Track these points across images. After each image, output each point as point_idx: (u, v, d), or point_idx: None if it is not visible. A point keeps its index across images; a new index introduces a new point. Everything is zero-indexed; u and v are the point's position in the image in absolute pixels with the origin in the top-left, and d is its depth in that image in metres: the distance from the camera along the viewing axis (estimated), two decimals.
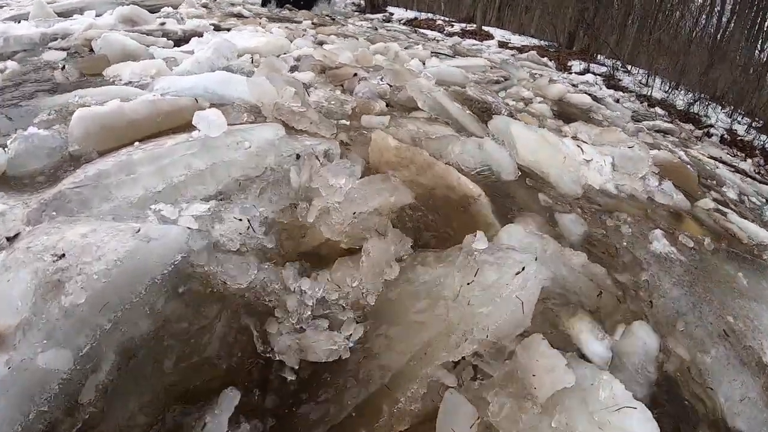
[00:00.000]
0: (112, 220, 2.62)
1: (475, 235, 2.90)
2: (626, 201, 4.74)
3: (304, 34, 9.61)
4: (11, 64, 5.91)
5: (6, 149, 3.23)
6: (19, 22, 11.52)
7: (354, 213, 3.14)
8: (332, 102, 4.97)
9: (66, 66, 5.68)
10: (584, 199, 4.49)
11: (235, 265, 2.66)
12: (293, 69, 6.28)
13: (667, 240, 4.08)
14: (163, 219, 2.77)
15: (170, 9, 10.19)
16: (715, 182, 7.06)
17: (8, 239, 2.45)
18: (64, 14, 11.64)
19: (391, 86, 5.59)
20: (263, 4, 22.23)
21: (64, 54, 6.83)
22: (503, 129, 4.72)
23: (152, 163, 3.03)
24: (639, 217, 4.42)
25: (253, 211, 3.04)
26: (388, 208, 3.31)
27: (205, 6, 14.54)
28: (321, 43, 8.95)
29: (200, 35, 8.01)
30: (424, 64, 7.83)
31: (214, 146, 3.25)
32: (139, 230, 2.46)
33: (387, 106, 5.23)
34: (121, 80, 5.17)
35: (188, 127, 3.53)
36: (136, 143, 3.30)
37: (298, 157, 3.46)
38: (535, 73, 12.07)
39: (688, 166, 6.58)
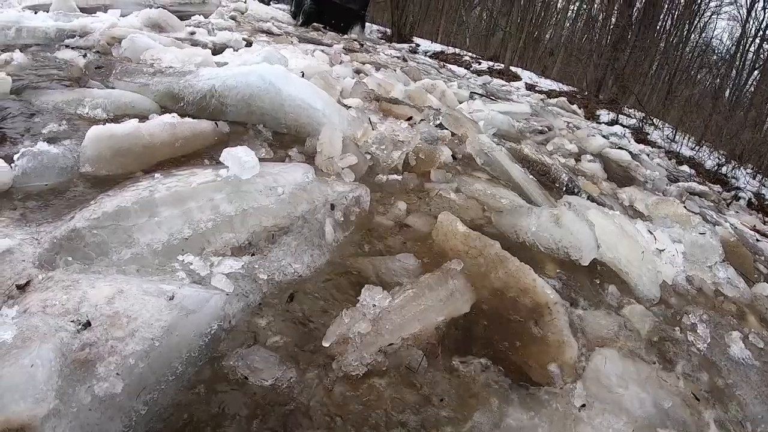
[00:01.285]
0: (137, 275, 2.39)
1: (573, 386, 2.57)
2: (696, 294, 4.51)
3: (342, 61, 9.15)
4: (18, 56, 5.31)
5: (13, 165, 2.94)
6: (36, 12, 11.13)
7: (379, 348, 2.53)
8: (388, 146, 4.41)
9: (87, 54, 5.12)
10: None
11: (261, 358, 2.33)
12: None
13: (743, 343, 3.90)
14: (193, 275, 2.52)
15: (201, 18, 9.63)
16: (763, 258, 6.86)
17: (19, 287, 2.16)
18: (88, 10, 11.12)
19: (453, 134, 5.13)
20: (294, 17, 22.34)
21: (79, 54, 6.28)
22: (579, 212, 4.24)
23: (177, 205, 2.71)
24: (711, 313, 4.19)
25: None
26: (433, 326, 2.78)
27: (233, 18, 14.17)
28: (358, 72, 8.55)
29: (233, 49, 7.50)
30: (466, 103, 7.37)
31: (244, 190, 2.96)
32: (172, 297, 2.22)
33: (453, 158, 4.80)
34: (161, 63, 4.65)
35: (206, 152, 3.51)
36: (157, 175, 2.97)
37: (332, 207, 3.27)
38: (569, 122, 11.96)
39: (742, 245, 6.35)
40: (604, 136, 12.36)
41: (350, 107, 4.96)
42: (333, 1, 21.50)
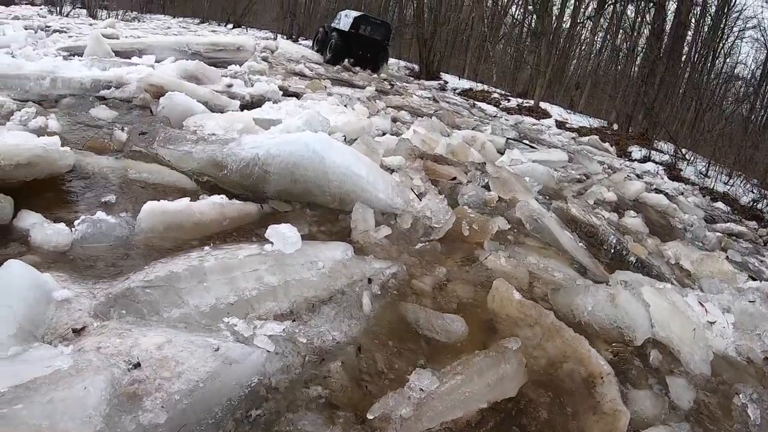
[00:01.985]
0: (185, 330, 2.53)
1: None
2: (746, 365, 4.29)
3: (378, 110, 9.16)
4: (54, 124, 5.25)
5: (73, 229, 3.18)
6: (73, 55, 11.20)
7: None
8: (434, 213, 4.34)
9: (125, 129, 5.14)
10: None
11: (301, 419, 2.40)
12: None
13: None
14: (237, 335, 2.67)
15: (237, 68, 9.67)
16: None
17: (74, 331, 2.36)
18: (122, 54, 11.21)
19: (499, 198, 5.07)
20: (319, 52, 24.61)
21: (114, 114, 6.29)
22: (634, 291, 4.16)
23: (224, 274, 2.94)
24: (760, 390, 3.91)
25: None
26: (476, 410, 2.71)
27: (265, 60, 14.30)
28: (395, 120, 8.57)
29: (273, 101, 7.51)
30: (506, 154, 7.32)
31: (287, 263, 3.16)
32: (218, 349, 2.38)
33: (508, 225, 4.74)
34: (203, 130, 4.66)
35: (252, 229, 3.71)
36: (207, 248, 3.19)
37: (369, 281, 3.40)
38: (603, 162, 11.86)
39: None
40: (638, 176, 12.43)
41: (394, 171, 4.89)
42: (360, 33, 24.25)
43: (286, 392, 2.48)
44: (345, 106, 8.33)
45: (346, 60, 23.37)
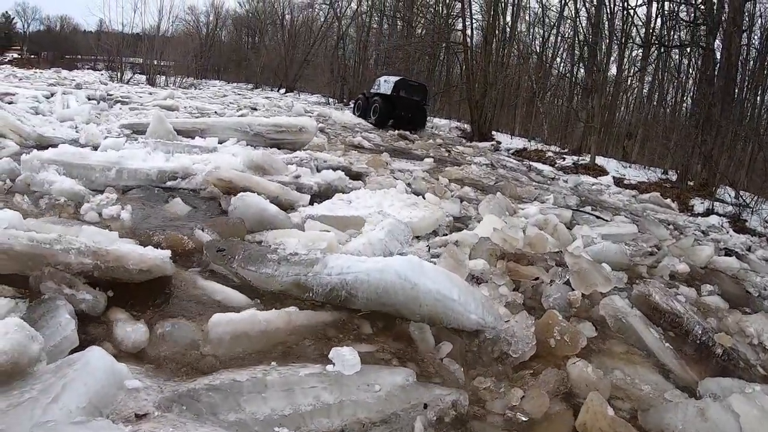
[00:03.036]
0: None
1: None
2: None
3: (445, 191, 9.24)
4: (126, 215, 5.61)
5: (156, 331, 3.59)
6: (135, 133, 11.41)
7: None
8: (516, 341, 4.24)
9: (205, 229, 5.28)
10: None
11: None
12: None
13: None
14: None
15: (302, 154, 9.78)
16: None
17: (137, 416, 2.58)
18: (183, 132, 11.47)
19: (583, 296, 5.03)
20: (361, 116, 27.60)
21: (188, 209, 6.48)
22: (723, 402, 4.06)
23: (284, 388, 3.09)
24: None
25: None
26: None
27: (321, 130, 14.58)
28: (461, 199, 8.62)
29: (341, 191, 7.68)
30: (578, 237, 7.29)
31: (345, 383, 3.26)
32: None
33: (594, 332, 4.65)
34: (285, 249, 4.73)
35: (318, 342, 3.79)
36: (273, 363, 3.37)
37: (425, 406, 3.36)
38: (668, 223, 11.77)
39: None
40: (703, 232, 12.16)
41: (478, 278, 4.91)
42: (401, 96, 26.60)
43: None
44: (412, 191, 8.51)
45: (390, 121, 25.81)
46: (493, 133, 29.23)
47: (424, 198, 7.71)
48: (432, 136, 25.09)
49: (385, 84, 27.63)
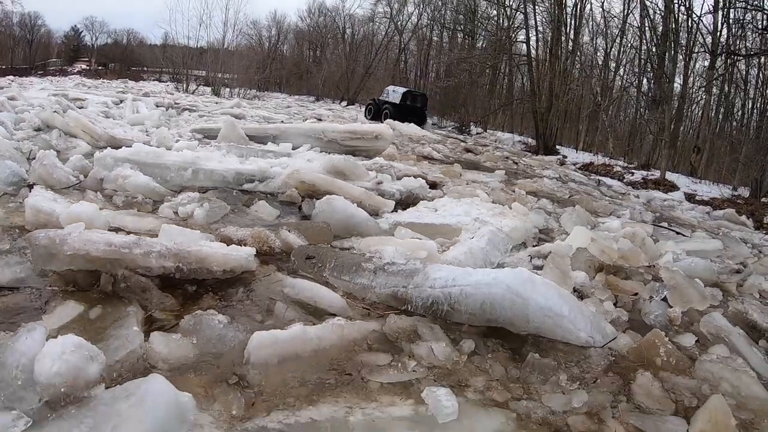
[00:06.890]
0: None
1: None
2: None
3: (527, 202, 9.07)
4: (199, 215, 5.67)
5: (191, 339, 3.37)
6: (206, 138, 11.46)
7: None
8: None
9: (291, 231, 5.16)
10: None
11: None
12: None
13: None
14: None
15: (381, 160, 9.69)
16: None
17: None
18: (255, 138, 11.52)
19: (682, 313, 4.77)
20: (372, 118, 32.74)
21: (276, 212, 6.42)
22: None
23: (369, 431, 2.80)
24: None
25: None
26: None
27: (392, 143, 14.54)
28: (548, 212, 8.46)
29: (426, 199, 7.57)
30: (668, 252, 7.01)
31: (437, 429, 2.88)
32: None
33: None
34: (381, 258, 4.54)
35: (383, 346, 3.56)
36: (357, 406, 3.00)
37: None
38: (746, 241, 11.14)
39: None
40: None
41: (583, 296, 4.69)
42: (407, 104, 33.55)
43: None
44: (496, 201, 8.36)
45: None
46: (558, 147, 28.78)
47: (510, 208, 7.50)
48: (497, 149, 24.85)
49: (394, 93, 34.49)
